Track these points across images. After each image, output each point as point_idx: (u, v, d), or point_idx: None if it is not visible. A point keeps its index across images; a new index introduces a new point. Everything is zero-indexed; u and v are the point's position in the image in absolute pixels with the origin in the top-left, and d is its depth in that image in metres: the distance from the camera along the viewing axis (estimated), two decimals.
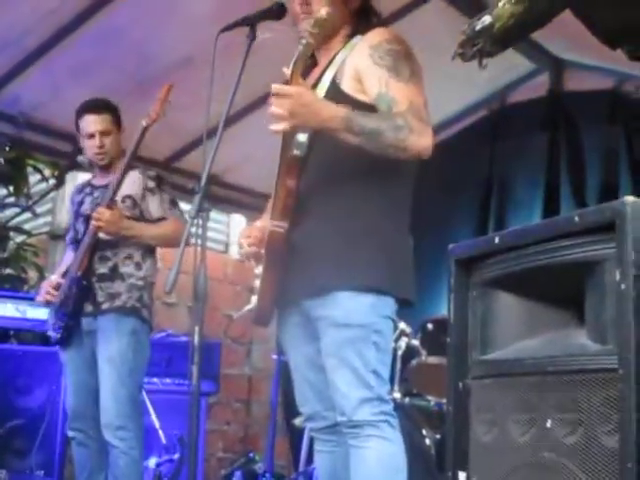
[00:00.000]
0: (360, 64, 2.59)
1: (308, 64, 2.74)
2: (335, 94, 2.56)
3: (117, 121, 3.93)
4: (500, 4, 1.72)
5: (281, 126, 2.40)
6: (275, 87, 2.39)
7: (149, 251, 3.90)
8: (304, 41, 2.50)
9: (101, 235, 3.74)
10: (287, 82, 2.46)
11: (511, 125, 5.56)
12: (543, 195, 5.33)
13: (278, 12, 2.75)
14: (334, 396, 2.57)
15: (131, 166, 3.76)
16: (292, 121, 2.40)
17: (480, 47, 1.77)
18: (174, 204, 3.94)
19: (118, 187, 3.72)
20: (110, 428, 3.67)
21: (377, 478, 2.49)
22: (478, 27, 1.75)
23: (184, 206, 4.04)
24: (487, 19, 1.74)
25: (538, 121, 5.45)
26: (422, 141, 2.47)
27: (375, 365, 2.54)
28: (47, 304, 3.88)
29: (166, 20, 4.36)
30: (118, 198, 3.76)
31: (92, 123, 3.87)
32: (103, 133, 3.86)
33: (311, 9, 2.68)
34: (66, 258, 4.06)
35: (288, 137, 2.59)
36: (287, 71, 2.47)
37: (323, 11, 2.52)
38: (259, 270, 2.69)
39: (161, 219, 3.88)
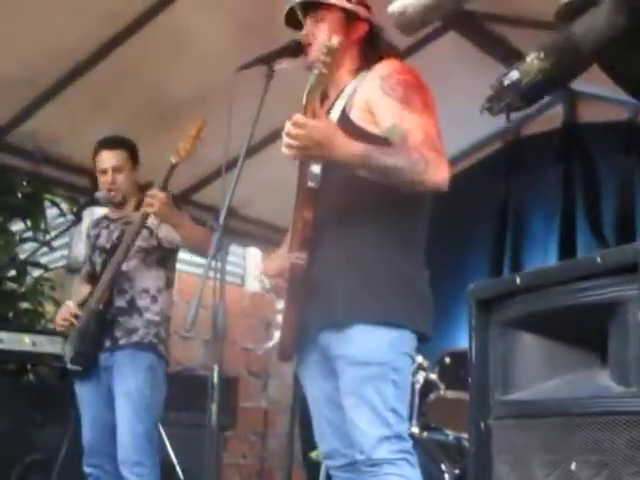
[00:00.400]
0: (371, 95, 2.58)
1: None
2: (345, 125, 2.53)
3: (132, 157, 3.93)
4: (528, 60, 1.73)
5: (292, 153, 2.40)
6: (295, 117, 2.39)
7: (166, 284, 3.91)
8: (316, 71, 2.47)
9: (130, 250, 3.71)
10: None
11: (526, 157, 5.55)
12: (559, 227, 5.30)
13: (295, 49, 2.77)
14: (353, 434, 2.55)
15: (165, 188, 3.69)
16: (304, 153, 2.40)
17: (508, 102, 1.77)
18: (194, 220, 3.92)
19: (169, 176, 3.67)
20: (127, 464, 3.65)
21: None
22: (506, 82, 1.76)
23: None
24: (515, 74, 1.75)
25: (553, 153, 5.43)
26: (439, 174, 2.45)
27: (394, 403, 2.52)
28: (69, 334, 3.87)
29: (181, 56, 4.39)
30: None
31: (105, 159, 3.89)
32: (115, 169, 3.87)
33: (314, 39, 2.69)
34: (81, 289, 4.06)
35: (304, 169, 2.59)
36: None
37: (334, 40, 2.45)
38: (280, 305, 2.69)
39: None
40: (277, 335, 2.68)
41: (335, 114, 2.64)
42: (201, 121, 3.71)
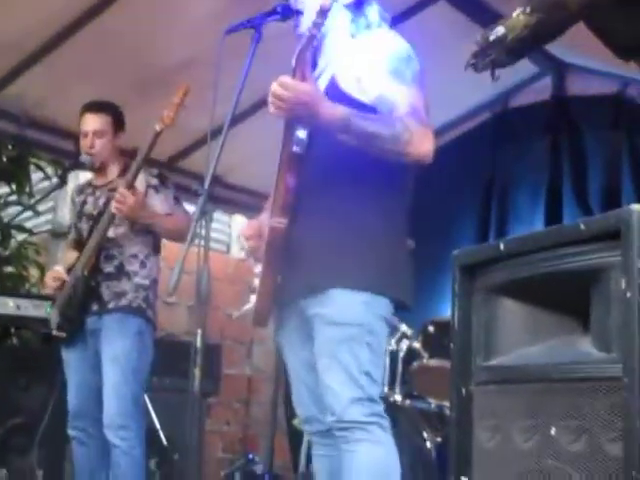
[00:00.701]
0: (360, 65, 2.58)
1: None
2: (334, 93, 2.54)
3: (116, 123, 3.92)
4: (514, 15, 1.72)
5: (277, 113, 2.40)
6: (281, 78, 2.38)
7: (153, 250, 3.91)
8: (307, 33, 2.45)
9: (117, 218, 3.73)
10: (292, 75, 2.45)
11: (513, 129, 5.54)
12: (545, 199, 5.31)
13: (283, 13, 2.75)
14: (325, 395, 2.54)
15: (141, 168, 3.72)
16: (288, 114, 2.40)
17: (493, 58, 1.77)
18: (178, 200, 3.94)
19: (134, 178, 3.69)
20: (112, 427, 3.67)
21: None
22: (491, 38, 1.75)
23: (187, 207, 4.04)
24: (500, 30, 1.74)
25: (541, 125, 5.43)
26: (423, 146, 2.45)
27: (367, 366, 2.52)
28: (52, 297, 3.87)
29: (168, 21, 4.35)
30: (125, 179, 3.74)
31: (88, 122, 3.89)
32: (96, 133, 3.86)
33: (304, 4, 2.68)
34: (67, 255, 4.06)
35: (289, 133, 2.58)
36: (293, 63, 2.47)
37: (327, 0, 2.41)
38: (258, 269, 2.69)
39: (168, 215, 3.88)
40: (253, 299, 2.68)
41: (324, 82, 2.63)
42: (185, 88, 3.69)
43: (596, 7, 1.65)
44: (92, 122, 3.88)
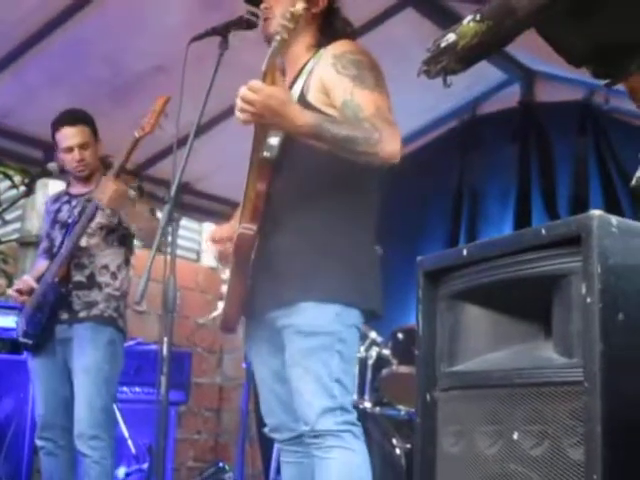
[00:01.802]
0: (325, 75, 2.59)
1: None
2: (303, 106, 2.52)
3: (94, 132, 3.91)
4: (465, 22, 1.73)
5: (244, 118, 2.38)
6: (251, 82, 2.37)
7: (124, 261, 3.90)
8: (278, 37, 2.44)
9: (90, 227, 3.72)
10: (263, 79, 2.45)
11: (482, 136, 5.57)
12: (514, 207, 5.34)
13: (249, 22, 2.75)
14: (298, 405, 2.56)
15: (119, 175, 3.68)
16: (257, 119, 2.39)
17: (444, 65, 1.78)
18: (153, 214, 3.92)
19: (127, 160, 3.65)
20: (83, 438, 3.64)
21: None
22: (443, 45, 1.76)
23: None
24: (451, 37, 1.75)
25: (509, 132, 5.46)
26: (392, 145, 2.46)
27: (339, 374, 2.53)
28: (19, 306, 3.85)
29: (137, 29, 4.34)
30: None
31: (70, 137, 3.84)
32: (82, 146, 3.84)
33: (273, 12, 2.68)
34: (38, 266, 4.03)
35: (259, 140, 2.57)
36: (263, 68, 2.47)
37: (299, 5, 2.42)
38: (227, 275, 2.68)
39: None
40: (221, 306, 2.68)
41: (294, 94, 2.63)
42: (166, 97, 3.69)
43: (546, 15, 1.66)
44: (74, 136, 3.84)
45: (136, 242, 4.01)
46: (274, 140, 2.57)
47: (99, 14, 4.21)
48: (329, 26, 2.77)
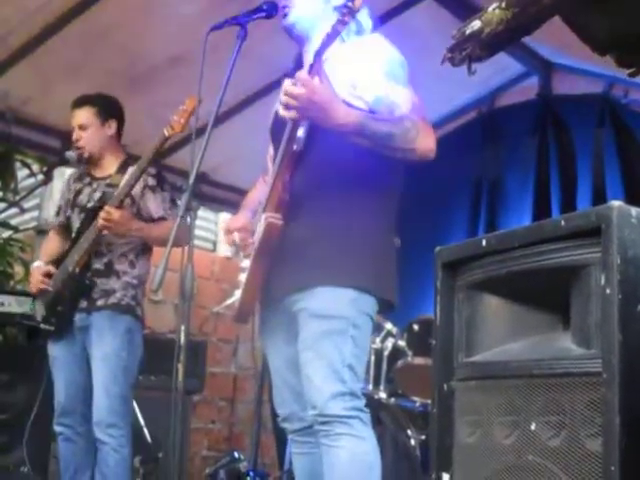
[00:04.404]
0: (355, 71, 2.59)
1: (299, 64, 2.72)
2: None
3: (101, 113, 3.90)
4: (490, 9, 1.73)
5: (290, 114, 2.39)
6: (298, 74, 2.37)
7: (143, 250, 3.90)
8: (330, 30, 2.42)
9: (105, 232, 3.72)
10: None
11: (501, 128, 5.57)
12: (533, 197, 5.34)
13: (268, 11, 2.75)
14: (307, 390, 2.56)
15: (144, 171, 3.69)
16: (303, 114, 2.39)
17: (469, 52, 1.77)
18: (174, 203, 3.91)
19: (130, 189, 3.67)
20: (101, 425, 3.66)
21: (349, 477, 2.48)
22: (467, 32, 1.75)
23: None
24: (477, 24, 1.74)
25: (528, 124, 5.46)
26: (429, 142, 2.50)
27: (351, 360, 2.54)
28: (39, 294, 3.86)
29: (156, 18, 4.35)
30: (116, 194, 3.73)
31: (73, 117, 3.91)
32: (80, 127, 3.87)
33: (292, 2, 2.67)
34: (50, 242, 4.04)
35: (294, 131, 2.56)
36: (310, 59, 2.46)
37: (357, 1, 2.39)
38: (245, 264, 2.68)
39: (161, 219, 3.85)
40: (238, 294, 2.68)
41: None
42: (196, 97, 3.67)
43: (570, 2, 1.65)
44: (76, 117, 3.90)
45: None
46: (301, 132, 2.57)
47: (117, 4, 4.22)
48: (354, 20, 2.75)
